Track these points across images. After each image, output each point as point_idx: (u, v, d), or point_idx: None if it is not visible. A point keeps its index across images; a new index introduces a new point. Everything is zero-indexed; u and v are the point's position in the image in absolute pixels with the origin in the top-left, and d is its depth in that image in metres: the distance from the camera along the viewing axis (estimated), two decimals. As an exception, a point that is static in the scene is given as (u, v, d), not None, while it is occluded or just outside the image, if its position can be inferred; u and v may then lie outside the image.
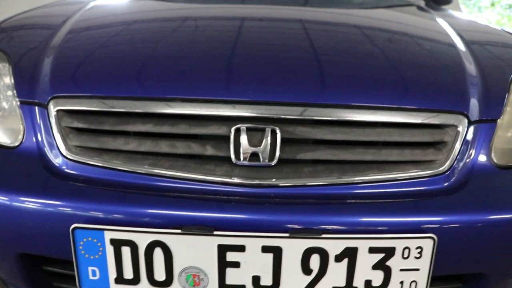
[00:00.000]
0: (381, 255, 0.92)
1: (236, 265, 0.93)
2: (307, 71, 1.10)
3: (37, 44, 1.24)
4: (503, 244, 0.98)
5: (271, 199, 0.97)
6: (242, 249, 0.91)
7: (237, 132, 0.99)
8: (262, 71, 1.09)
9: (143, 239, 0.91)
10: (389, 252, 0.92)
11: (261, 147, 0.98)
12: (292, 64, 1.12)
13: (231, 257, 0.92)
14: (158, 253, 0.92)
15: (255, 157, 0.99)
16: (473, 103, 1.07)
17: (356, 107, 1.02)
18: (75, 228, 0.91)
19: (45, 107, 1.06)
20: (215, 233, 0.90)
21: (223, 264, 0.93)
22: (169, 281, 0.95)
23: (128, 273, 0.94)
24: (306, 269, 0.93)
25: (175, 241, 0.91)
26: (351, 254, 0.92)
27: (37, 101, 1.07)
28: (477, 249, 0.97)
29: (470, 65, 1.19)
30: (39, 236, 0.97)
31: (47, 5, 1.71)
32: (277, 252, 0.91)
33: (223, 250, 0.91)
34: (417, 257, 0.93)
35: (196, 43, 1.24)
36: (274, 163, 0.99)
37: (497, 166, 1.05)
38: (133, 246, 0.91)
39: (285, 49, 1.21)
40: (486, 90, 1.12)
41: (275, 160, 0.98)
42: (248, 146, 0.98)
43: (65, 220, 0.93)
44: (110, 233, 0.91)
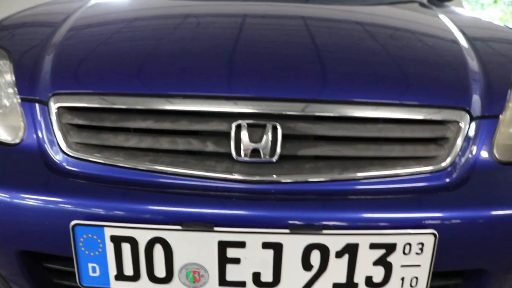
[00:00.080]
0: (382, 251, 0.92)
1: (236, 261, 0.92)
2: (308, 67, 1.10)
3: (38, 41, 1.24)
4: (504, 240, 0.98)
5: (272, 195, 0.97)
6: (242, 245, 0.91)
7: (238, 128, 0.99)
8: (263, 67, 1.09)
9: (143, 236, 0.91)
10: (390, 248, 0.92)
11: (262, 143, 0.98)
12: (293, 60, 1.12)
13: (231, 253, 0.92)
14: (158, 250, 0.92)
15: (256, 153, 0.98)
16: (475, 99, 1.07)
17: (357, 103, 1.02)
18: (75, 224, 0.91)
19: (45, 104, 1.06)
20: (215, 229, 0.90)
21: (224, 260, 0.92)
22: (169, 278, 0.95)
23: (128, 269, 0.94)
24: (306, 265, 0.93)
25: (175, 237, 0.91)
26: (352, 250, 0.91)
27: (37, 98, 1.07)
28: (479, 245, 0.97)
29: (472, 61, 1.19)
30: (39, 233, 0.97)
31: (48, 2, 1.71)
32: (277, 248, 0.91)
33: (223, 246, 0.91)
34: (418, 253, 0.92)
35: (197, 39, 1.24)
36: (275, 159, 0.98)
37: (499, 162, 1.05)
38: (133, 242, 0.91)
39: (286, 46, 1.20)
40: (488, 86, 1.11)
41: (276, 156, 0.98)
42: (249, 142, 0.98)
43: (65, 216, 0.93)
44: (110, 230, 0.91)
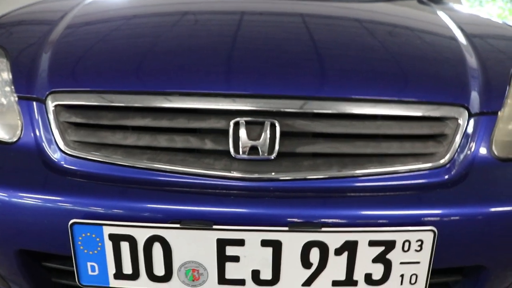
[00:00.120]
0: (381, 248, 0.92)
1: (235, 259, 0.92)
2: (307, 64, 1.09)
3: (35, 39, 1.23)
4: (503, 236, 0.98)
5: (270, 193, 0.96)
6: (241, 243, 0.91)
7: (236, 125, 0.98)
8: (261, 64, 1.08)
9: (142, 234, 0.91)
10: (389, 245, 0.91)
11: (260, 141, 0.98)
12: (291, 57, 1.12)
13: (230, 251, 0.92)
14: (157, 248, 0.92)
15: (254, 151, 0.98)
16: (473, 96, 1.07)
17: (356, 100, 1.02)
18: (74, 223, 0.91)
19: (43, 102, 1.06)
20: (214, 227, 0.90)
21: (223, 258, 0.92)
22: (168, 276, 0.94)
23: (127, 268, 0.94)
24: (306, 263, 0.93)
25: (174, 235, 0.91)
26: (351, 247, 0.91)
27: (35, 96, 1.07)
28: (478, 241, 0.97)
29: (471, 58, 1.18)
30: (38, 232, 0.96)
31: (45, 0, 1.70)
32: (276, 246, 0.91)
33: (222, 244, 0.91)
34: (417, 250, 0.92)
35: (194, 37, 1.23)
36: (273, 156, 0.98)
37: (497, 158, 1.05)
38: (132, 241, 0.91)
39: (284, 43, 1.20)
40: (486, 82, 1.11)
41: (275, 153, 0.98)
42: (247, 139, 0.98)
43: (64, 215, 0.93)
44: (108, 228, 0.91)
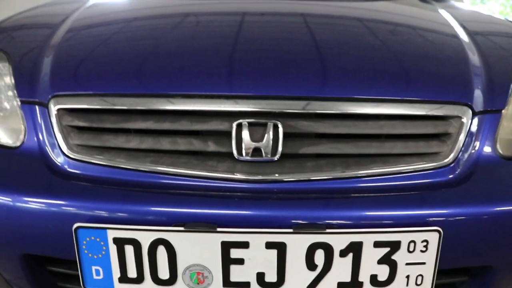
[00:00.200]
0: (387, 249, 0.91)
1: (240, 262, 0.92)
2: (309, 65, 1.09)
3: (37, 43, 1.23)
4: (510, 236, 0.97)
5: (274, 195, 0.96)
6: (246, 245, 0.90)
7: (239, 127, 0.98)
8: (263, 65, 1.08)
9: (146, 238, 0.90)
10: (395, 246, 0.91)
11: (263, 142, 0.97)
12: (293, 58, 1.11)
13: (235, 254, 0.91)
14: (161, 251, 0.91)
15: (258, 152, 0.98)
16: (477, 94, 1.06)
17: (359, 100, 1.01)
18: (78, 227, 0.91)
19: (45, 106, 1.05)
20: (218, 230, 0.90)
21: (227, 261, 0.92)
22: (173, 280, 0.94)
23: (131, 272, 0.94)
24: (310, 265, 0.92)
25: (179, 238, 0.91)
26: (356, 248, 0.91)
27: (37, 101, 1.07)
28: (484, 241, 0.96)
29: (473, 55, 1.18)
30: (42, 236, 0.96)
31: (46, 4, 1.70)
32: (281, 248, 0.91)
33: (226, 247, 0.91)
34: (422, 251, 0.92)
35: (196, 38, 1.23)
36: (276, 158, 0.98)
37: (502, 157, 1.04)
38: (136, 244, 0.91)
39: (286, 43, 1.20)
40: (490, 80, 1.10)
41: (278, 155, 0.98)
42: (250, 141, 0.97)
43: (68, 219, 0.93)
44: (113, 232, 0.90)
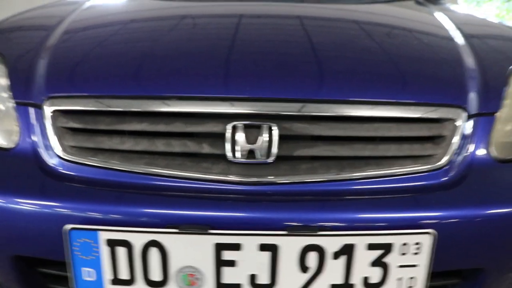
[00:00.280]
0: (379, 252, 0.91)
1: (232, 263, 0.92)
2: (304, 67, 1.09)
3: (33, 45, 1.23)
4: (502, 239, 0.97)
5: (268, 197, 0.96)
6: (238, 247, 0.90)
7: (234, 129, 0.98)
8: (258, 67, 1.08)
9: (138, 239, 0.90)
10: (387, 248, 0.91)
11: (258, 144, 0.97)
12: (289, 60, 1.11)
13: (227, 255, 0.91)
14: (153, 253, 0.91)
15: (252, 155, 0.98)
16: (471, 97, 1.06)
17: (354, 102, 1.01)
18: (70, 229, 0.90)
19: (40, 107, 1.05)
20: (211, 231, 0.89)
21: (219, 263, 0.92)
22: (165, 281, 0.94)
23: (123, 273, 0.93)
24: (303, 267, 0.92)
25: (171, 240, 0.90)
26: (348, 251, 0.91)
27: (32, 102, 1.06)
28: (476, 244, 0.96)
29: (468, 58, 1.18)
30: (34, 237, 0.96)
31: (43, 6, 1.70)
32: (273, 250, 0.90)
33: (219, 248, 0.90)
34: (415, 253, 0.91)
35: (192, 41, 1.23)
36: (271, 160, 0.98)
37: (496, 160, 1.04)
38: (129, 246, 0.91)
39: (281, 45, 1.20)
40: (484, 83, 1.10)
41: (272, 157, 0.97)
42: (244, 143, 0.97)
43: (60, 221, 0.92)
44: (105, 234, 0.90)
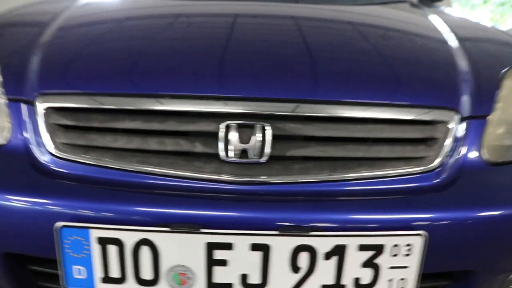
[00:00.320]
0: (371, 253, 0.91)
1: (223, 263, 0.92)
2: (299, 68, 1.09)
3: (26, 41, 1.22)
4: (492, 241, 0.97)
5: (261, 196, 0.96)
6: (230, 247, 0.90)
7: (227, 128, 0.98)
8: (252, 67, 1.08)
9: (129, 238, 0.90)
10: (378, 249, 0.91)
11: (251, 144, 0.97)
12: (283, 60, 1.11)
13: (218, 255, 0.91)
14: (145, 252, 0.91)
15: (245, 154, 0.98)
16: (464, 100, 1.07)
17: (347, 103, 1.01)
18: (61, 226, 0.90)
19: (32, 104, 1.05)
20: (203, 231, 0.89)
21: (211, 262, 0.92)
22: (156, 280, 0.94)
23: (114, 272, 0.93)
24: (294, 267, 0.92)
25: (162, 239, 0.90)
26: (340, 251, 0.91)
27: (24, 98, 1.06)
28: (467, 246, 0.96)
29: (461, 61, 1.18)
30: (24, 234, 0.95)
31: (37, 2, 1.69)
32: (265, 250, 0.90)
33: (210, 248, 0.90)
34: (406, 255, 0.92)
35: (187, 39, 1.23)
36: (264, 160, 0.98)
37: (488, 162, 1.05)
38: (120, 244, 0.90)
39: (276, 46, 1.20)
40: (477, 86, 1.11)
41: (265, 157, 0.97)
42: (237, 143, 0.97)
43: (51, 218, 0.92)
44: (96, 232, 0.90)
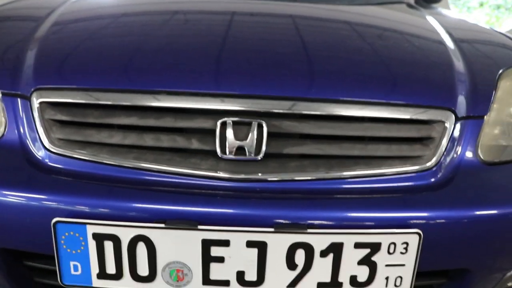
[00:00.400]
0: (367, 251, 0.92)
1: (220, 260, 0.92)
2: (295, 66, 1.09)
3: (21, 35, 1.21)
4: (487, 240, 0.98)
5: (257, 194, 0.96)
6: (226, 243, 0.90)
7: (223, 125, 0.98)
8: (249, 65, 1.08)
9: (126, 234, 0.90)
10: (375, 247, 0.91)
11: (247, 141, 0.97)
12: (280, 58, 1.11)
13: (215, 252, 0.91)
14: (141, 248, 0.91)
15: (241, 151, 0.98)
16: (460, 100, 1.07)
17: (344, 102, 1.02)
18: (57, 222, 0.90)
19: (28, 99, 1.04)
20: (199, 227, 0.89)
21: (207, 259, 0.91)
22: (152, 276, 0.94)
23: (110, 268, 0.93)
24: (291, 264, 0.92)
25: (159, 235, 0.90)
26: (336, 249, 0.91)
27: (20, 93, 1.05)
28: (463, 245, 0.97)
29: (458, 62, 1.19)
30: (20, 230, 0.95)
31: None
32: (262, 247, 0.90)
33: (207, 244, 0.90)
34: (402, 253, 0.92)
35: (183, 36, 1.23)
36: (260, 157, 0.98)
37: (483, 162, 1.05)
38: (116, 240, 0.90)
39: (273, 44, 1.20)
40: (473, 87, 1.12)
41: (261, 154, 0.98)
42: (234, 140, 0.97)
43: (47, 214, 0.91)
44: (92, 227, 0.89)
